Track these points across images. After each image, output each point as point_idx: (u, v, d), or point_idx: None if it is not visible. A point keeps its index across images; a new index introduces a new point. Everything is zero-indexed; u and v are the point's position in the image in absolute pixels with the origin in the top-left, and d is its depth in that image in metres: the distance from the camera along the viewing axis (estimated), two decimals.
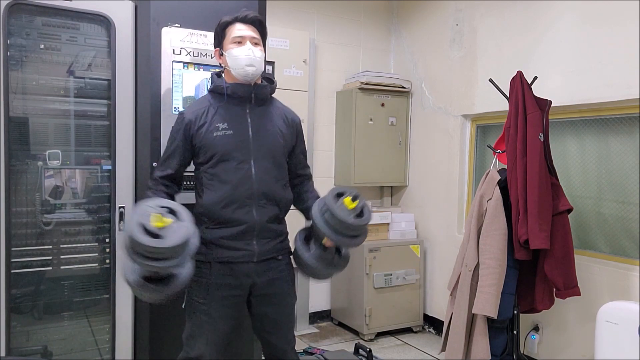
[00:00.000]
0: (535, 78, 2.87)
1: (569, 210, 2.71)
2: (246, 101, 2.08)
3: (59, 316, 2.44)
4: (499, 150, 2.92)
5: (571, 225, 2.73)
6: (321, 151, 4.19)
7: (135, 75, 2.40)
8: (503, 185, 2.74)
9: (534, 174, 2.61)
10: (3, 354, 2.21)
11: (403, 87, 4.18)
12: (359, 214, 1.94)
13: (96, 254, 2.48)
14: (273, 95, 2.21)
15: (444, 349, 2.92)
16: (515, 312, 2.80)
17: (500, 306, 2.65)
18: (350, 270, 3.97)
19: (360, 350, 3.40)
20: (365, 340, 3.84)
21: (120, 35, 2.35)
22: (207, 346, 2.02)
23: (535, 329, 3.19)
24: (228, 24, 2.07)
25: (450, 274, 2.99)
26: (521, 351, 3.03)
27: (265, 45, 2.15)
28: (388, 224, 4.04)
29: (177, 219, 1.74)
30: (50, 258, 2.40)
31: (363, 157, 4.07)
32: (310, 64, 3.97)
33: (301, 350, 3.52)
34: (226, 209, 2.00)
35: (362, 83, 3.99)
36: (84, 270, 2.47)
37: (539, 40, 3.18)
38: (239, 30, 2.05)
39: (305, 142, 2.29)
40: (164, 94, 2.40)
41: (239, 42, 2.04)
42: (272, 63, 3.65)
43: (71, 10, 2.31)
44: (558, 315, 3.04)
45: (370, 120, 4.09)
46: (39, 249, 2.37)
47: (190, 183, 2.37)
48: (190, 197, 2.27)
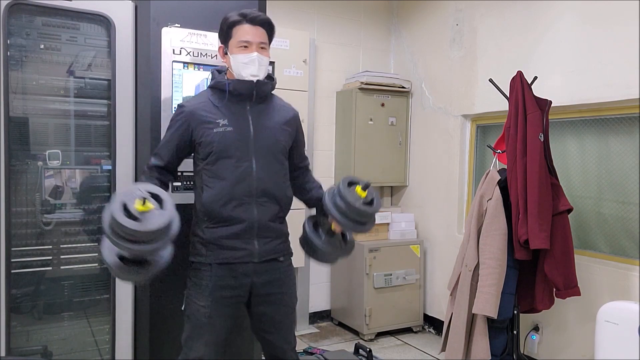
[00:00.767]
0: (535, 78, 2.87)
1: (569, 210, 2.71)
2: (247, 98, 2.06)
3: (59, 316, 2.44)
4: (499, 150, 2.93)
5: (571, 225, 2.73)
6: (321, 151, 4.19)
7: (135, 75, 2.39)
8: (503, 185, 2.74)
9: (534, 174, 2.61)
10: (3, 354, 2.21)
11: (403, 87, 4.18)
12: (369, 203, 2.00)
13: (96, 254, 2.47)
14: (272, 92, 2.19)
15: (444, 349, 2.92)
16: (515, 312, 2.80)
17: (500, 306, 2.65)
18: (350, 270, 3.97)
19: (360, 350, 3.39)
20: (365, 340, 3.84)
21: (120, 35, 2.35)
22: (207, 347, 2.00)
23: (535, 329, 3.19)
24: (235, 24, 2.01)
25: (450, 274, 2.99)
26: (521, 351, 3.03)
27: (270, 45, 2.11)
28: (388, 224, 4.04)
29: (161, 206, 1.74)
30: (50, 258, 2.39)
31: (363, 157, 4.06)
32: (310, 64, 3.97)
33: (301, 350, 3.52)
34: (226, 206, 1.97)
35: (362, 83, 3.99)
36: (84, 270, 2.47)
37: (539, 40, 3.18)
38: (247, 33, 2.00)
39: (304, 135, 2.28)
40: (164, 94, 2.40)
41: (246, 47, 2.00)
42: (272, 63, 3.62)
43: (71, 10, 2.31)
44: (558, 315, 3.04)
45: (370, 120, 4.09)
46: (39, 249, 2.37)
47: (190, 183, 2.38)
48: (190, 197, 2.27)
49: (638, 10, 2.66)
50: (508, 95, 2.80)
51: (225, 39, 2.05)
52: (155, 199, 1.74)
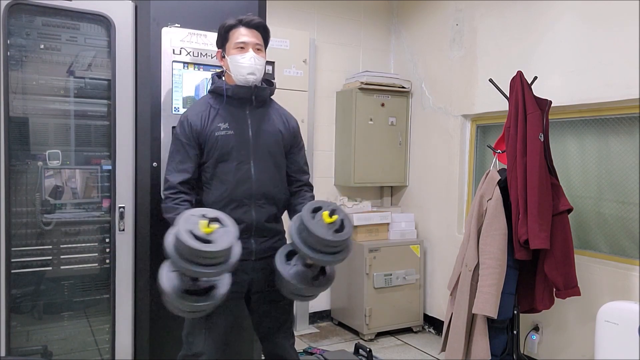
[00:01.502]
0: (535, 78, 2.87)
1: (569, 210, 2.71)
2: (246, 103, 2.11)
3: (59, 316, 2.44)
4: (499, 150, 2.92)
5: (571, 225, 2.73)
6: (321, 151, 4.19)
7: (135, 75, 2.40)
8: (503, 185, 2.74)
9: (534, 174, 2.61)
10: (3, 354, 2.21)
11: (403, 87, 4.18)
12: (339, 229, 1.85)
13: (96, 254, 2.48)
14: (272, 97, 2.23)
15: (444, 349, 2.92)
16: (515, 312, 2.80)
17: (500, 306, 2.65)
18: (350, 270, 3.97)
19: (360, 350, 3.39)
20: (365, 340, 3.84)
21: (120, 35, 2.35)
22: (206, 343, 2.04)
23: (535, 329, 3.19)
24: (232, 28, 2.08)
25: (450, 274, 2.99)
26: (521, 351, 3.03)
27: (266, 49, 2.16)
28: (388, 224, 4.04)
29: (221, 224, 1.76)
30: (50, 258, 2.40)
31: (363, 157, 4.06)
32: (310, 64, 3.97)
33: (301, 350, 3.52)
34: (225, 208, 2.01)
35: (362, 83, 3.99)
36: (84, 270, 2.47)
37: (539, 40, 3.18)
38: (243, 35, 2.07)
39: (305, 148, 2.30)
40: (164, 94, 2.40)
41: (242, 48, 2.06)
42: (272, 63, 3.63)
43: (71, 10, 2.31)
44: (558, 315, 3.04)
45: (370, 120, 4.09)
46: (39, 249, 2.37)
47: None
48: None
49: (638, 10, 2.66)
50: (508, 95, 2.79)
51: (222, 43, 2.11)
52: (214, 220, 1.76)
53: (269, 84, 2.19)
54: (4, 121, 2.17)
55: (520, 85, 2.70)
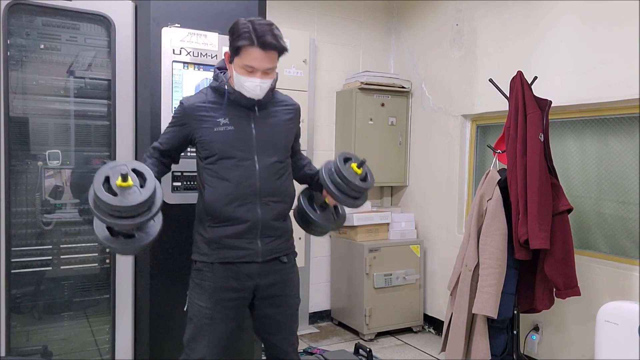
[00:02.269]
0: (535, 78, 2.87)
1: (569, 210, 2.71)
2: (249, 107, 2.04)
3: (59, 316, 2.44)
4: (499, 150, 2.93)
5: (571, 225, 2.73)
6: (321, 151, 4.19)
7: (135, 75, 2.39)
8: (503, 185, 2.74)
9: (534, 174, 2.61)
10: (3, 354, 2.21)
11: (403, 87, 4.18)
12: (363, 179, 2.09)
13: (96, 254, 2.47)
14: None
15: (444, 349, 2.92)
16: (515, 312, 2.80)
17: (500, 306, 2.65)
18: (350, 270, 3.97)
19: (360, 350, 3.39)
20: (365, 340, 3.84)
21: (120, 35, 2.35)
22: (208, 348, 2.00)
23: (535, 329, 3.19)
24: (246, 45, 1.88)
25: (450, 274, 2.99)
26: (521, 351, 3.03)
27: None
28: (388, 224, 4.04)
29: (144, 183, 1.78)
30: (50, 258, 2.39)
31: (363, 157, 4.05)
32: (310, 64, 3.97)
33: (301, 350, 3.52)
34: (229, 206, 1.96)
35: (362, 83, 3.99)
36: (84, 270, 2.47)
37: (539, 40, 3.18)
38: (255, 59, 1.89)
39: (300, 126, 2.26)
40: (164, 94, 2.40)
41: (251, 72, 1.92)
42: None
43: (71, 10, 2.30)
44: (558, 315, 3.04)
45: (370, 120, 4.09)
46: (39, 249, 2.37)
47: (191, 183, 2.38)
48: (190, 198, 2.27)
49: (638, 10, 2.66)
50: (508, 95, 2.80)
51: (233, 53, 1.96)
52: (140, 177, 1.78)
53: None
54: (4, 121, 2.17)
55: (520, 85, 2.70)
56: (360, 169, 2.10)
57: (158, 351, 2.43)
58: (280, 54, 1.98)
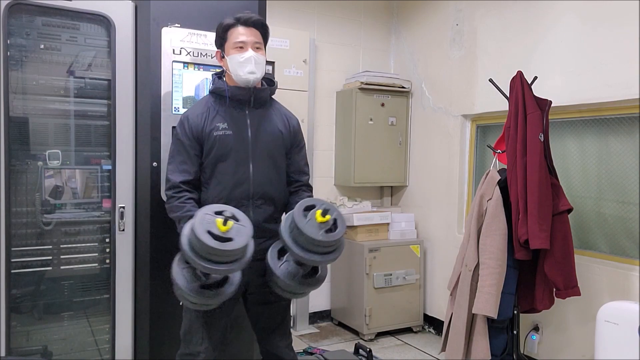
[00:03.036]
0: (535, 78, 2.87)
1: (569, 210, 2.71)
2: (246, 104, 2.10)
3: (59, 316, 2.44)
4: (499, 150, 2.92)
5: (571, 225, 2.73)
6: (321, 151, 4.19)
7: (135, 75, 2.40)
8: (503, 185, 2.74)
9: (534, 174, 2.61)
10: (3, 354, 2.21)
11: (403, 87, 4.18)
12: (331, 229, 1.82)
13: (96, 254, 2.48)
14: (273, 96, 2.22)
15: (444, 349, 2.92)
16: (515, 312, 2.80)
17: (500, 306, 2.65)
18: (350, 270, 3.97)
19: (360, 350, 3.39)
20: (365, 340, 3.84)
21: (120, 35, 2.35)
22: (204, 341, 2.05)
23: (535, 329, 3.19)
24: (230, 27, 2.06)
25: (450, 274, 2.99)
26: (521, 351, 3.03)
27: (266, 47, 2.15)
28: (388, 224, 4.03)
29: (236, 220, 1.78)
30: (50, 258, 2.40)
31: (363, 157, 4.06)
32: (310, 64, 3.97)
33: (301, 350, 3.52)
34: None
35: (362, 83, 3.99)
36: (84, 270, 2.47)
37: (539, 40, 3.18)
38: (241, 34, 2.05)
39: (305, 147, 2.29)
40: (164, 94, 2.40)
41: (241, 48, 2.04)
42: (272, 63, 3.65)
43: (71, 10, 2.31)
44: (558, 315, 3.04)
45: (370, 120, 4.09)
46: (39, 249, 2.37)
47: None
48: None
49: (638, 10, 2.66)
50: (508, 95, 2.80)
51: (221, 43, 2.10)
52: (233, 219, 1.77)
53: (270, 83, 2.18)
54: (4, 121, 2.17)
55: (520, 85, 2.70)
56: (327, 216, 1.79)
57: (158, 351, 2.43)
58: (264, 34, 2.11)
